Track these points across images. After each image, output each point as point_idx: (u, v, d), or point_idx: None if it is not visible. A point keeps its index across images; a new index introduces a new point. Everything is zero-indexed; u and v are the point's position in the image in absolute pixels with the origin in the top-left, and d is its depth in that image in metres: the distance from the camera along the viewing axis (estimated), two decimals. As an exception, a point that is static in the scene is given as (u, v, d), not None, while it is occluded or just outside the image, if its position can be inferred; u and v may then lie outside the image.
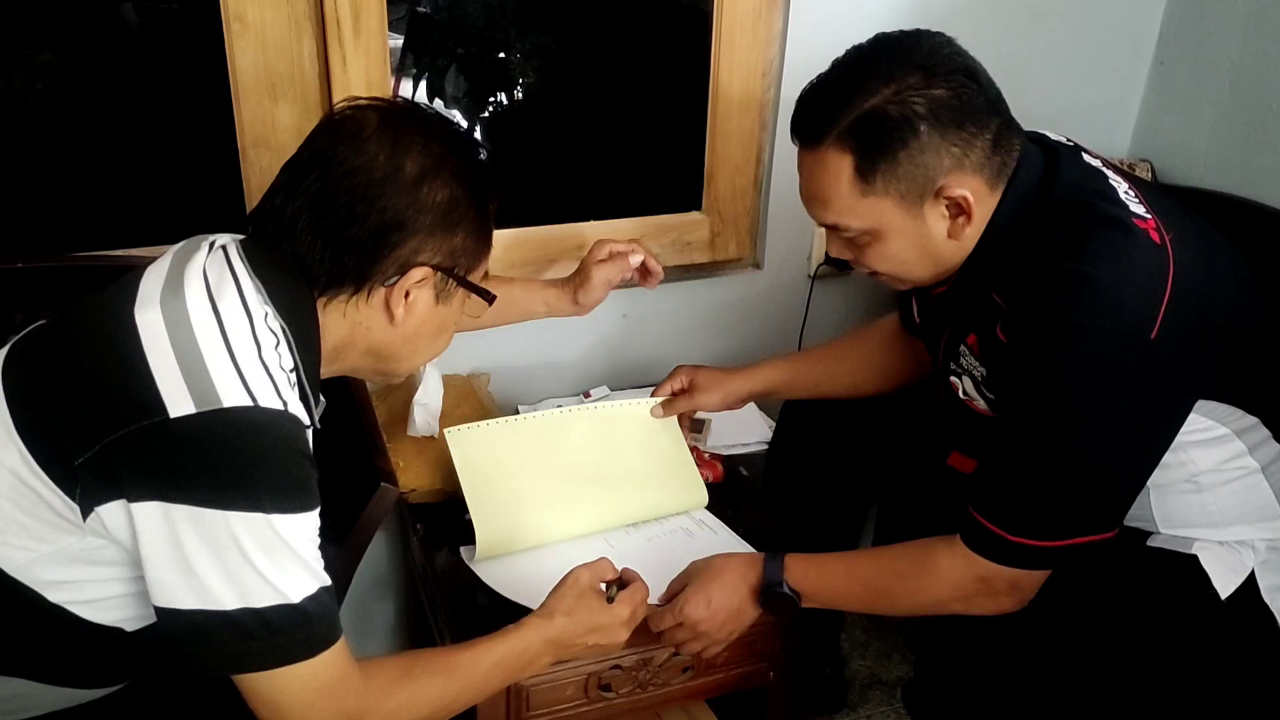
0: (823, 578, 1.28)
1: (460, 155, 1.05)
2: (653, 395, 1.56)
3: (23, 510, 0.94)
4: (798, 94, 1.20)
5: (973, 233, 1.17)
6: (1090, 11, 1.90)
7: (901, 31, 1.16)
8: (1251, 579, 1.22)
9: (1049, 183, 1.17)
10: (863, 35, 1.72)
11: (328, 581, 0.97)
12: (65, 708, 1.06)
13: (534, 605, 1.19)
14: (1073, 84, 1.95)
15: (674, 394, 1.55)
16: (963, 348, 1.26)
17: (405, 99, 1.08)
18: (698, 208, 1.83)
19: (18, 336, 1.04)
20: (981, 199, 1.15)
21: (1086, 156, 1.23)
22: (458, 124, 1.11)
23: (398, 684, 1.02)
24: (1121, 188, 1.18)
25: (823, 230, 1.36)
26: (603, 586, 1.21)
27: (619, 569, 1.25)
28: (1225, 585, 1.21)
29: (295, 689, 0.95)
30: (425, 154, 1.02)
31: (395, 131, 1.02)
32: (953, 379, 1.30)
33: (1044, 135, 1.27)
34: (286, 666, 0.93)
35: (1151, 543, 1.26)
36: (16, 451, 0.93)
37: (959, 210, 1.15)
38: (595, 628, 1.17)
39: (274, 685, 0.94)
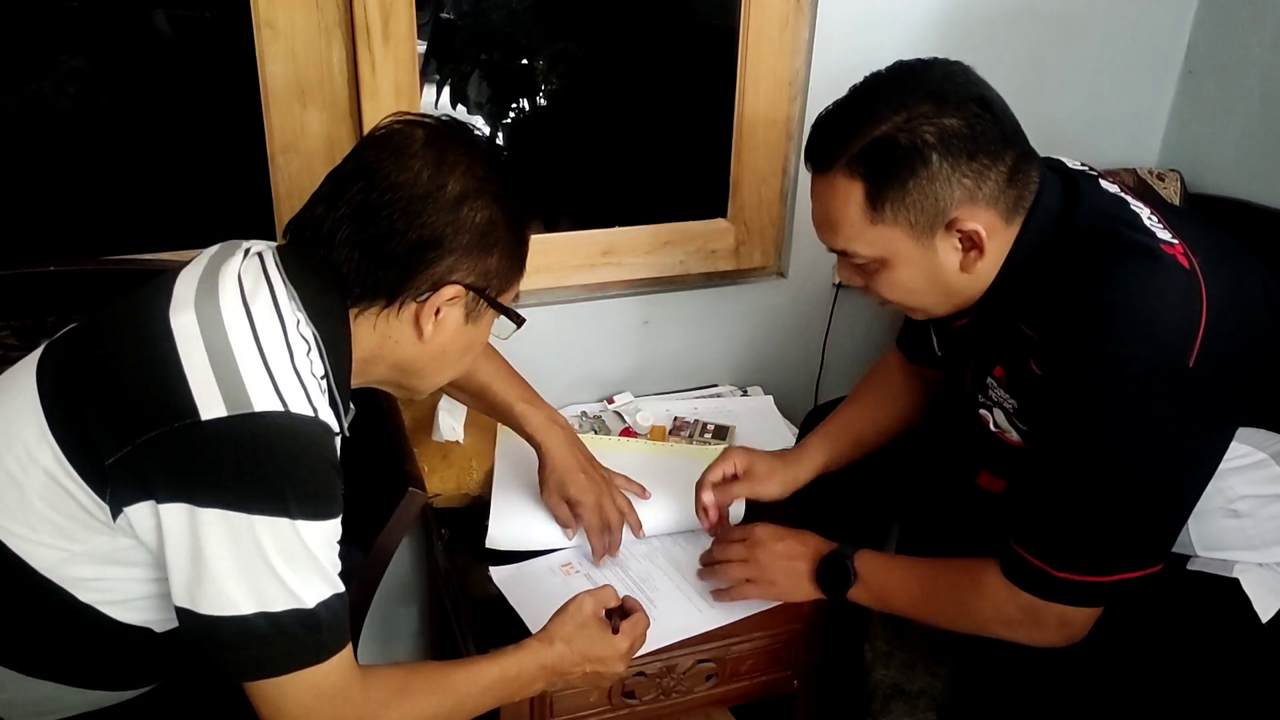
0: (886, 568, 1.29)
1: (503, 179, 1.06)
2: (705, 480, 1.47)
3: (55, 509, 0.95)
4: (822, 106, 1.19)
5: (986, 267, 1.16)
6: (1119, 21, 1.89)
7: (919, 60, 1.15)
8: None
9: (1069, 212, 1.16)
10: (890, 46, 1.73)
11: (342, 589, 0.97)
12: (93, 710, 1.07)
13: (531, 610, 1.21)
14: (1102, 93, 1.94)
15: (726, 479, 1.47)
16: (990, 380, 1.25)
17: (453, 118, 1.09)
18: (723, 215, 1.83)
19: (52, 338, 1.05)
20: (996, 233, 1.14)
21: (1104, 183, 1.22)
22: (503, 148, 1.12)
23: (395, 698, 1.02)
24: (1144, 213, 1.16)
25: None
26: (603, 614, 1.21)
27: (621, 596, 1.24)
28: (1266, 608, 1.19)
29: (298, 693, 0.95)
30: (469, 175, 1.03)
31: (440, 150, 1.03)
32: (982, 411, 1.28)
33: (1061, 162, 1.25)
34: (295, 672, 0.94)
35: (1191, 566, 1.24)
36: (50, 451, 0.94)
37: (971, 244, 1.14)
38: (593, 658, 1.17)
39: (279, 689, 0.95)
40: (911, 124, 1.09)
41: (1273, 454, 1.18)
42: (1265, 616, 1.19)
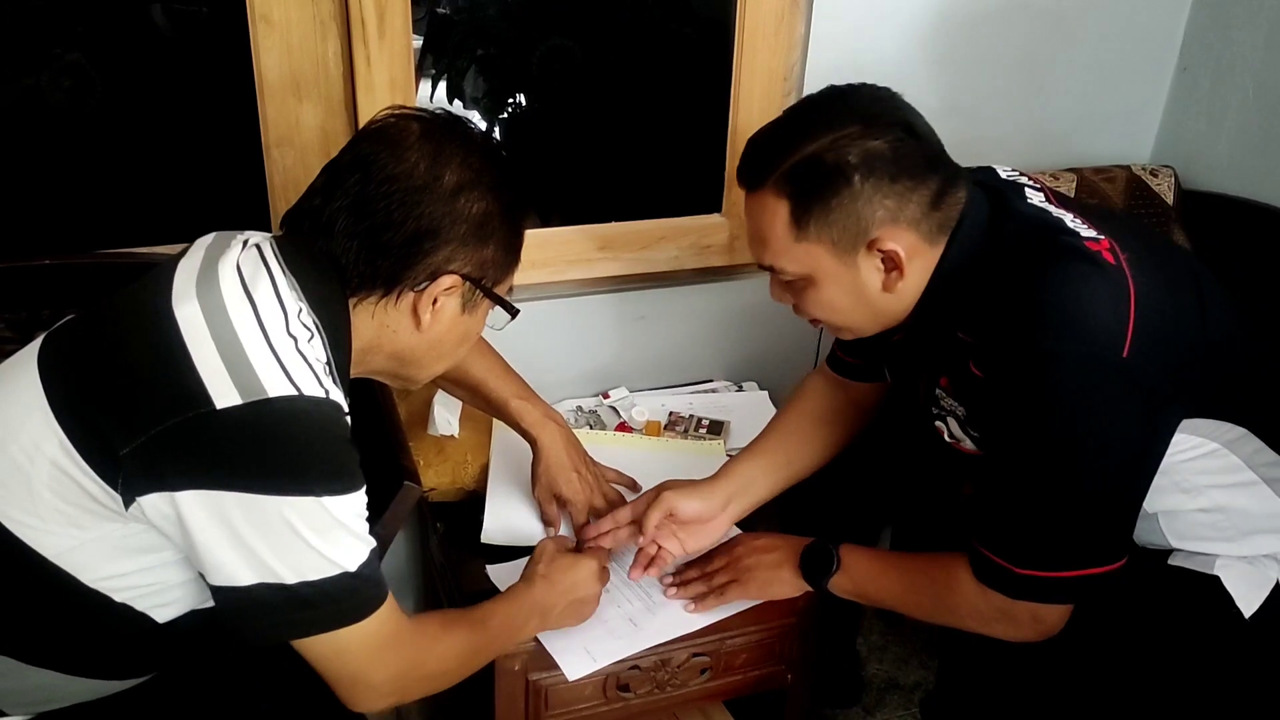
0: (869, 559, 1.31)
1: (499, 171, 1.08)
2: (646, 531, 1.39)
3: (63, 499, 0.95)
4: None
5: (909, 287, 1.18)
6: (1114, 18, 1.89)
7: (849, 85, 1.18)
8: (1276, 594, 1.21)
9: (997, 224, 1.18)
10: (884, 42, 1.75)
11: (374, 544, 1.01)
12: (90, 700, 1.08)
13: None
14: (1096, 90, 1.94)
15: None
16: (938, 391, 1.27)
17: (449, 112, 1.11)
18: (718, 210, 1.84)
19: (51, 330, 1.05)
20: (918, 254, 1.16)
21: (1030, 191, 1.24)
22: (498, 141, 1.14)
23: (440, 634, 1.10)
24: (1067, 217, 1.19)
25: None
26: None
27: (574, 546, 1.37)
28: (1248, 604, 1.21)
29: (357, 647, 1.00)
30: (465, 166, 1.05)
31: (437, 143, 1.05)
32: (937, 423, 1.30)
33: (993, 173, 1.27)
34: (346, 628, 0.98)
35: (1172, 561, 1.26)
36: (57, 441, 0.94)
37: (892, 264, 1.16)
38: (571, 585, 1.26)
39: (336, 646, 0.99)
40: (837, 145, 1.12)
41: (1224, 443, 1.20)
42: (1248, 612, 1.20)
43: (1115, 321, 1.09)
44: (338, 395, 0.99)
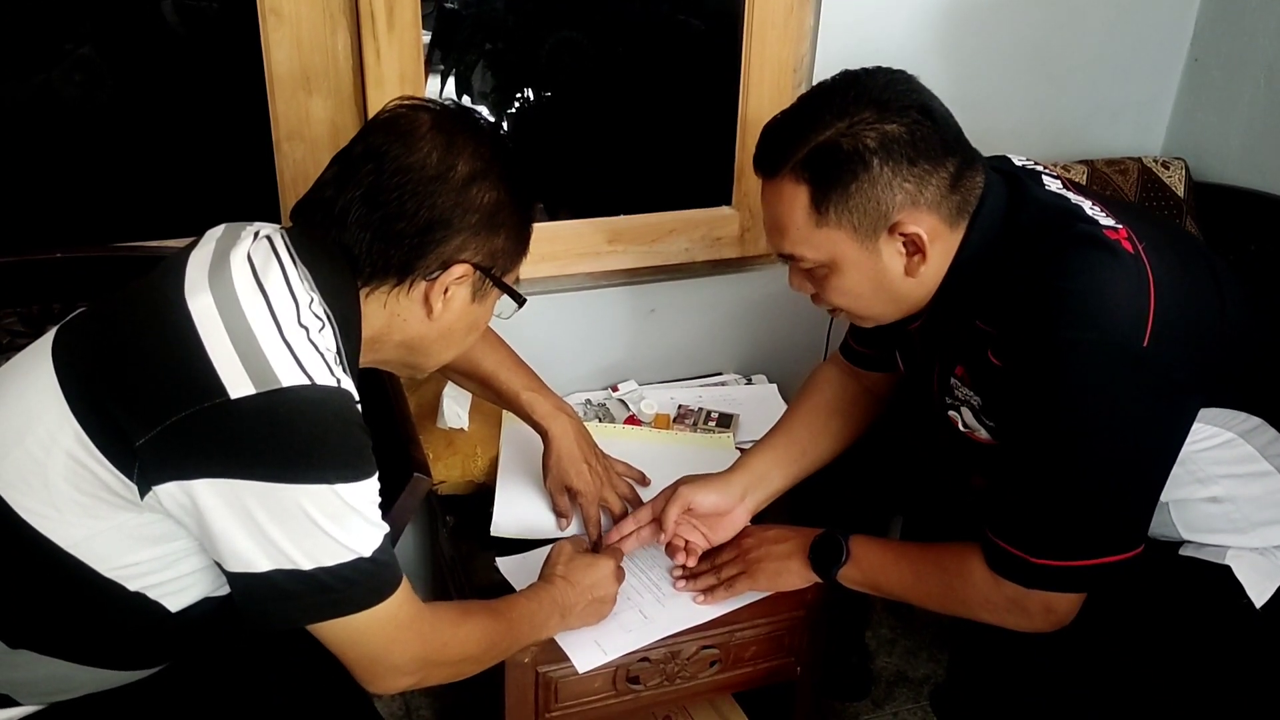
0: (879, 549, 1.31)
1: (509, 161, 1.09)
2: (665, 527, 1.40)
3: (79, 489, 0.96)
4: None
5: (930, 271, 1.18)
6: (1125, 9, 1.89)
7: (863, 69, 1.18)
8: None
9: (1015, 210, 1.18)
10: (894, 32, 1.75)
11: (387, 528, 1.02)
12: (101, 690, 1.08)
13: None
14: (1107, 82, 1.94)
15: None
16: (953, 380, 1.27)
17: (456, 102, 1.11)
18: (728, 203, 1.84)
19: (64, 321, 1.06)
20: (940, 237, 1.16)
21: (1047, 178, 1.24)
22: (504, 131, 1.15)
23: (461, 618, 1.12)
24: (1086, 205, 1.19)
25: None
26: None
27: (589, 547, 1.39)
28: (1259, 594, 1.21)
29: (375, 630, 1.01)
30: (476, 157, 1.06)
31: (448, 133, 1.06)
32: (951, 413, 1.29)
33: (1008, 160, 1.27)
34: (365, 611, 0.99)
35: (1183, 552, 1.26)
36: (73, 433, 0.95)
37: (914, 248, 1.16)
38: (590, 584, 1.28)
39: (354, 629, 1.00)
40: (854, 129, 1.12)
41: (1240, 433, 1.20)
42: (1259, 602, 1.20)
43: (1135, 311, 1.09)
44: (348, 384, 1.00)
